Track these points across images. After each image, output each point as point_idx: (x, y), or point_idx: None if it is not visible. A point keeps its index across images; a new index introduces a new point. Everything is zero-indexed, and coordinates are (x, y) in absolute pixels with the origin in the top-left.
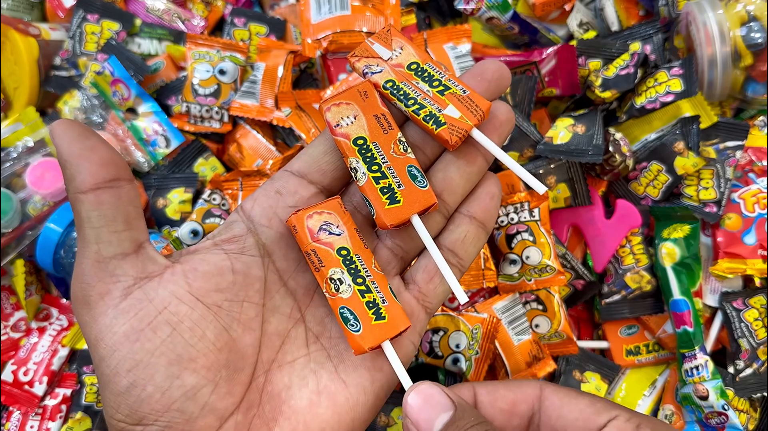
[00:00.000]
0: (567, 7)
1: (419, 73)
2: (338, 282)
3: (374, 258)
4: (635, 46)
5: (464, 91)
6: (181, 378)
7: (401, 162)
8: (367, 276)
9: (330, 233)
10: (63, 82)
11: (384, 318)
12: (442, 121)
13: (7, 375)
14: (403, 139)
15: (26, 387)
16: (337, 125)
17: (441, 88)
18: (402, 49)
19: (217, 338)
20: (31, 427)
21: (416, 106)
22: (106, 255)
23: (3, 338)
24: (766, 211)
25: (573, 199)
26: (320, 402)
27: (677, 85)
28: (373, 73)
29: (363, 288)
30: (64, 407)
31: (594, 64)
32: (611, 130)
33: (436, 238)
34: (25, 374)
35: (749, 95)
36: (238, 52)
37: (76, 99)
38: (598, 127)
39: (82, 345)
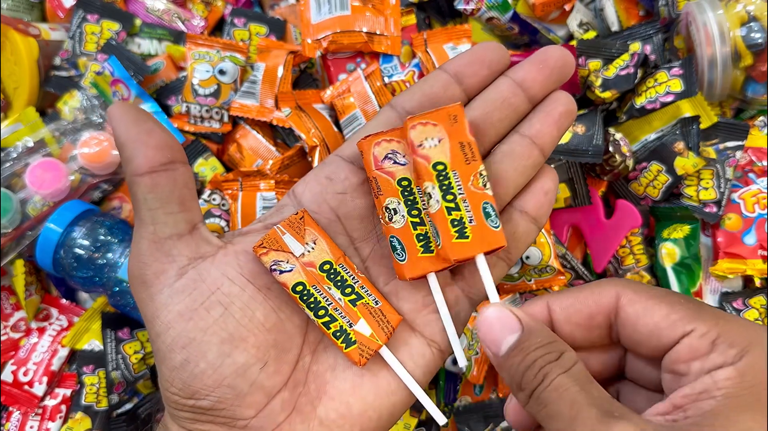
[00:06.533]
0: (567, 7)
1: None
2: (392, 212)
3: None
4: (635, 47)
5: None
6: (232, 356)
7: (478, 197)
8: (423, 209)
9: (395, 162)
10: (63, 82)
11: (432, 251)
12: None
13: (7, 376)
14: (485, 173)
15: (26, 387)
16: (420, 145)
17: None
18: None
19: (266, 319)
20: (31, 427)
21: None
22: (162, 235)
23: (3, 338)
24: (766, 211)
25: (573, 199)
26: (363, 384)
27: (677, 85)
28: None
29: (416, 220)
30: (63, 407)
31: (594, 64)
32: (611, 130)
33: None
34: (25, 374)
35: (749, 95)
36: (238, 52)
37: (76, 99)
38: (598, 127)
39: (82, 346)
